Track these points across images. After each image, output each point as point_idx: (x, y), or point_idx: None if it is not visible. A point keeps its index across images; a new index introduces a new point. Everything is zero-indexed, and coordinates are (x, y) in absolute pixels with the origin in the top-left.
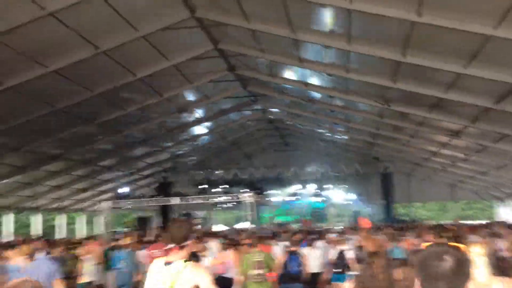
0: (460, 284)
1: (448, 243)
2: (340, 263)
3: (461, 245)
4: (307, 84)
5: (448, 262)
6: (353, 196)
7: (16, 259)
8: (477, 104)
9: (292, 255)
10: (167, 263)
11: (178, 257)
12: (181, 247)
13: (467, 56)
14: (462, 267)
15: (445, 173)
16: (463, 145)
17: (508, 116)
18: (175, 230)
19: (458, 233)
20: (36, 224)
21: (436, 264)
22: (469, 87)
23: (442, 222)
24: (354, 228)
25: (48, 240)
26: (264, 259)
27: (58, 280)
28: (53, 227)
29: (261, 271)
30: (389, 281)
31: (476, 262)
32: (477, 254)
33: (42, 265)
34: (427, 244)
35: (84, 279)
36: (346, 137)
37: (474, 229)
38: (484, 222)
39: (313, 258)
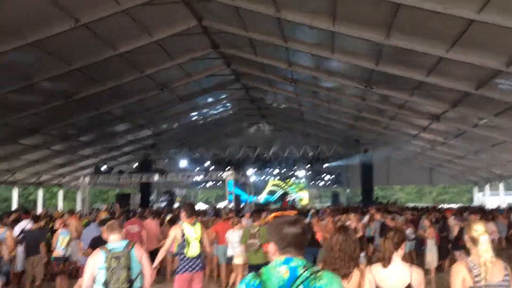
0: (304, 245)
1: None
2: None
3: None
4: (291, 64)
5: (298, 228)
6: (332, 178)
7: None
8: (458, 89)
9: None
10: None
11: None
12: None
13: (449, 41)
14: (306, 232)
15: (424, 157)
16: (442, 129)
17: (487, 101)
18: None
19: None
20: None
21: (290, 229)
22: (450, 72)
23: (420, 205)
24: (334, 209)
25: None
26: (259, 231)
27: None
28: (29, 201)
29: (256, 241)
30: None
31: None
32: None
33: (93, 230)
34: (275, 214)
35: (58, 252)
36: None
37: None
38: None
39: None
